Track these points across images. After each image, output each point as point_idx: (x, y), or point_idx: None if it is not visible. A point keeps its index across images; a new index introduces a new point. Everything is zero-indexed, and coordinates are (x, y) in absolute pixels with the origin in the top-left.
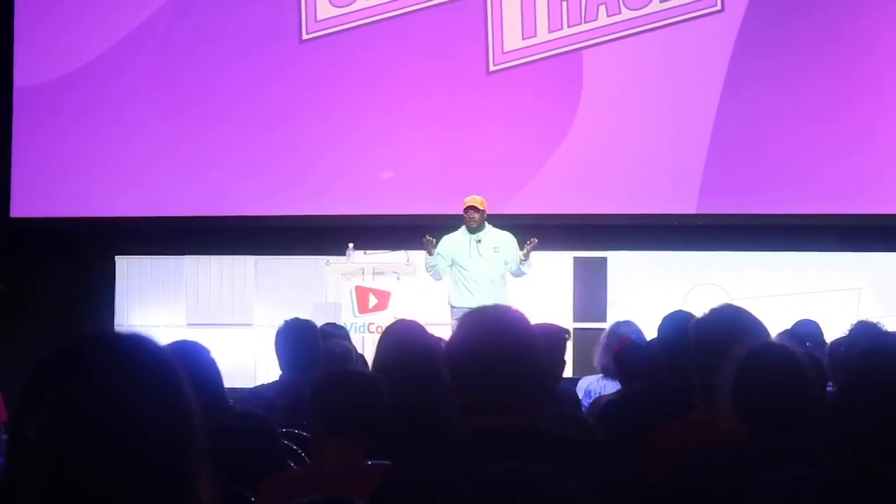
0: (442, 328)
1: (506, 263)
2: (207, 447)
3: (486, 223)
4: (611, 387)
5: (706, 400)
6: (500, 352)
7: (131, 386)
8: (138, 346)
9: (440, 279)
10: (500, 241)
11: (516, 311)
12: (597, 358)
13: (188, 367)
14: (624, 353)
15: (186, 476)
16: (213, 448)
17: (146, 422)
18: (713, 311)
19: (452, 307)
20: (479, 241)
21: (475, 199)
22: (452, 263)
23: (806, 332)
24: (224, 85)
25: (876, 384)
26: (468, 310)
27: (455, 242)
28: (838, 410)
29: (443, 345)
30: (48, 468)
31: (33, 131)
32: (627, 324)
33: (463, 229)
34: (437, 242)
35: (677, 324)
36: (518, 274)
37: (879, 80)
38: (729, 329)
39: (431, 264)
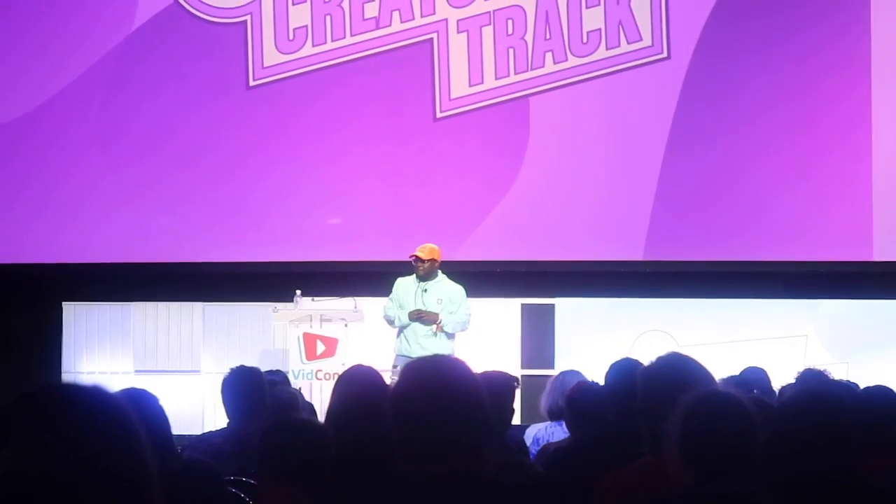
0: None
1: (450, 314)
2: (161, 493)
3: (439, 272)
4: (559, 433)
5: (653, 447)
6: (441, 398)
7: (90, 433)
8: (94, 395)
9: (395, 323)
10: (447, 293)
11: (457, 360)
12: (542, 401)
13: (137, 414)
14: (579, 393)
15: None
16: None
17: (105, 468)
18: (659, 359)
19: (396, 354)
20: (426, 291)
21: (423, 249)
22: (400, 307)
23: (753, 379)
24: (171, 132)
25: (801, 432)
26: (408, 359)
27: (405, 287)
28: (769, 457)
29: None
30: None
31: None
32: (574, 373)
33: (415, 275)
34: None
35: (624, 371)
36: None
37: (827, 128)
38: (675, 377)
39: (385, 312)
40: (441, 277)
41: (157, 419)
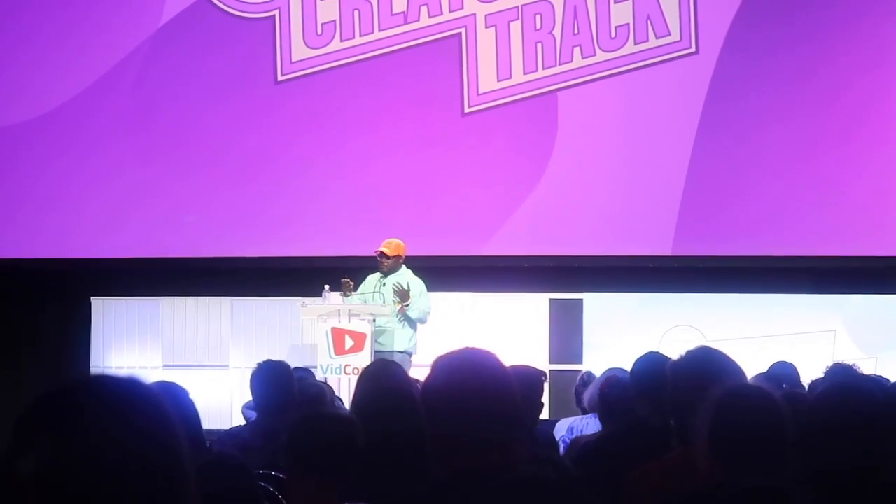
0: (421, 369)
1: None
2: (195, 485)
3: (402, 266)
4: (594, 425)
5: (683, 441)
6: (474, 392)
7: (127, 425)
8: (130, 387)
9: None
10: (405, 284)
11: (489, 353)
12: (587, 394)
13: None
14: (609, 387)
15: None
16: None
17: (142, 459)
18: (689, 352)
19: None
20: (384, 285)
21: (389, 245)
22: (364, 302)
23: (783, 374)
24: (199, 127)
25: (831, 426)
26: (376, 351)
27: (368, 280)
28: (798, 450)
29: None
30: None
31: (6, 173)
32: (621, 371)
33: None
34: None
35: (650, 365)
36: (412, 322)
37: (855, 124)
38: (705, 370)
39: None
40: (403, 271)
41: (188, 413)
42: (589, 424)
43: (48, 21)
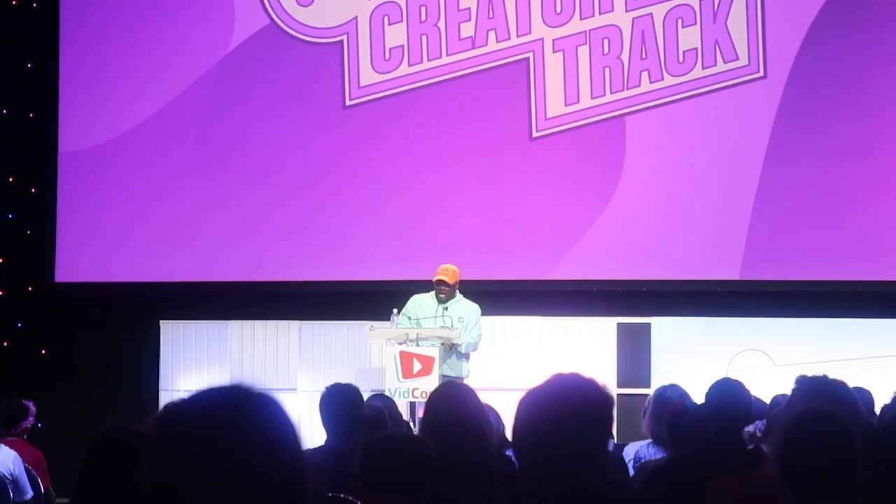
0: (489, 393)
1: (467, 332)
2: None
3: (457, 292)
4: (660, 453)
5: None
6: (573, 419)
7: (253, 441)
8: (263, 403)
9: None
10: (465, 311)
11: (590, 379)
12: (644, 424)
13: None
14: (677, 417)
15: None
16: None
17: (267, 475)
18: (814, 378)
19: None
20: (447, 309)
21: (447, 272)
22: (417, 323)
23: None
24: (268, 150)
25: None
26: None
27: (421, 304)
28: (871, 476)
29: (490, 411)
30: None
31: (78, 197)
32: (673, 387)
33: (433, 293)
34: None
35: (725, 392)
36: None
37: None
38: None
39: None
40: (459, 297)
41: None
42: (655, 453)
43: (120, 49)
